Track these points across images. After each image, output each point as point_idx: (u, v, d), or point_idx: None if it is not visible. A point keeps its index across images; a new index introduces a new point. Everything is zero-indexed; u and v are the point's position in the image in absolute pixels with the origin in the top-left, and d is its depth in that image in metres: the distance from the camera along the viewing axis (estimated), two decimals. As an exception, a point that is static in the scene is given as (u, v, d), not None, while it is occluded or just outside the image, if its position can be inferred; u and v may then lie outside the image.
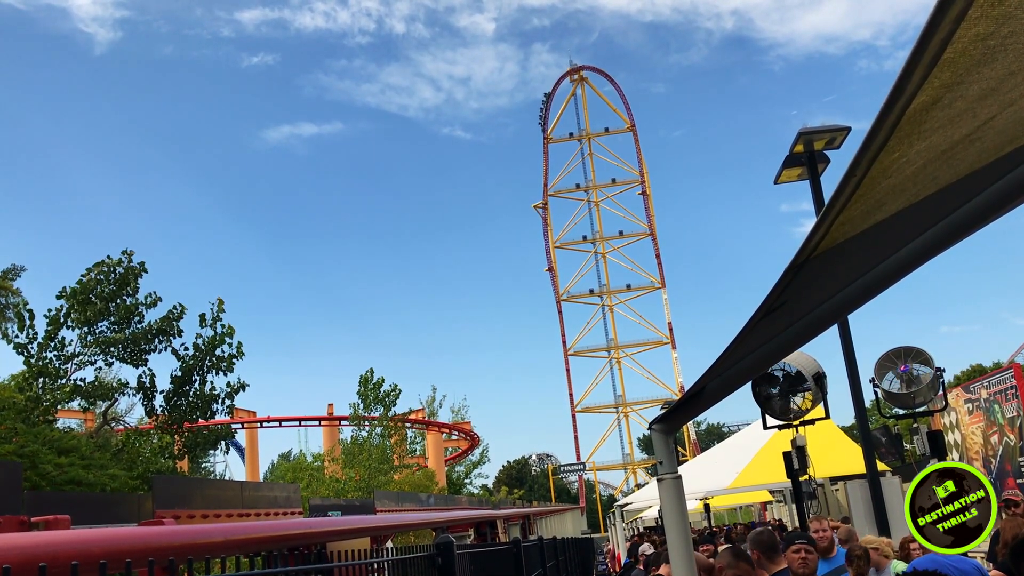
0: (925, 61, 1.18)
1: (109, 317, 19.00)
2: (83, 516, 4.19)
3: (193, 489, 5.84)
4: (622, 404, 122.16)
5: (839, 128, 12.88)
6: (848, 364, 12.72)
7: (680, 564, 3.97)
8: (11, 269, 31.03)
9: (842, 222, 1.89)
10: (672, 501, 4.00)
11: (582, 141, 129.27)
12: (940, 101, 1.36)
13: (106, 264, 19.18)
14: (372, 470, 35.81)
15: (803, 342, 2.91)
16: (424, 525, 13.74)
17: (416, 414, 64.99)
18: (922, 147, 1.58)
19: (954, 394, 24.15)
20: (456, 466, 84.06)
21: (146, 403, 20.06)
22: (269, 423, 72.49)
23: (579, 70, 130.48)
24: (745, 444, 21.32)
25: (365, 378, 39.33)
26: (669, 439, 4.06)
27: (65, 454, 15.94)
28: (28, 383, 18.45)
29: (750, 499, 32.71)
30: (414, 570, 4.93)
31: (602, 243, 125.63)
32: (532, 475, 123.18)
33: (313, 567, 3.78)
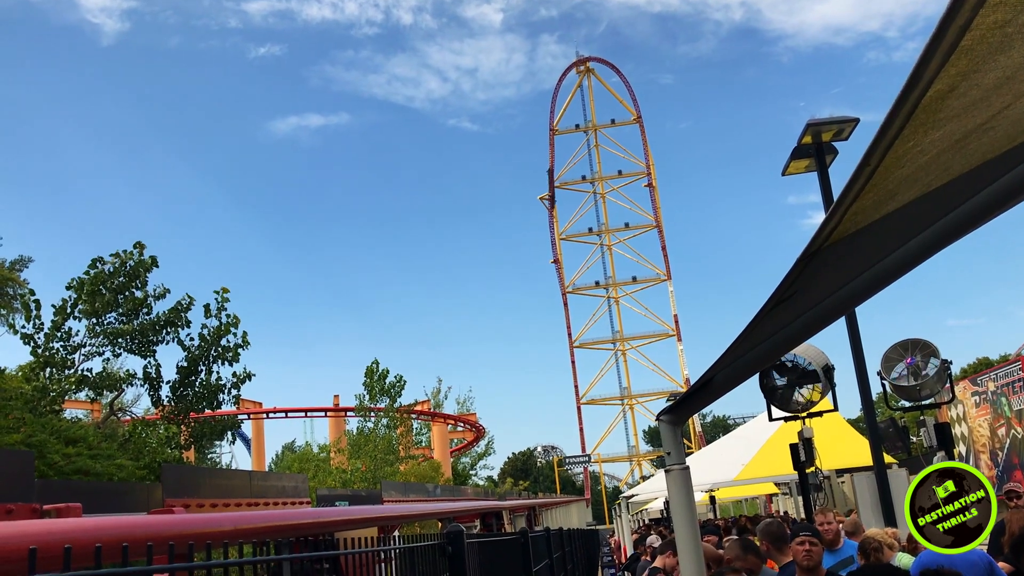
0: (943, 48, 1.18)
1: (118, 309, 19.07)
2: (93, 505, 4.21)
3: (202, 478, 5.87)
4: (627, 396, 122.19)
5: (847, 119, 12.83)
6: (855, 357, 12.71)
7: (688, 555, 3.98)
8: (18, 260, 31.12)
9: (855, 212, 1.89)
10: (680, 492, 4.01)
11: (588, 133, 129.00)
12: (956, 89, 1.36)
13: (118, 256, 19.26)
14: (378, 461, 35.93)
15: (813, 332, 2.91)
16: (431, 515, 13.79)
17: (422, 405, 65.17)
18: (936, 136, 1.57)
19: (961, 387, 24.13)
20: (461, 457, 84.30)
21: (152, 393, 20.14)
22: (275, 414, 72.75)
23: (585, 61, 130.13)
24: (751, 436, 21.32)
25: (371, 369, 39.43)
26: (677, 430, 4.06)
27: (72, 444, 16.01)
28: (35, 373, 18.53)
29: (756, 491, 32.73)
30: (423, 559, 4.95)
31: (608, 235, 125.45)
32: (537, 467, 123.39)
33: (325, 554, 3.80)
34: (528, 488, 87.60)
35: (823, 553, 6.63)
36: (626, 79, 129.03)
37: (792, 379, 10.87)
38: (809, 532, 6.45)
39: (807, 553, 6.22)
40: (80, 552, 2.05)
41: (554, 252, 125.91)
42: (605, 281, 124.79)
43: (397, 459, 39.21)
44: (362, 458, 36.53)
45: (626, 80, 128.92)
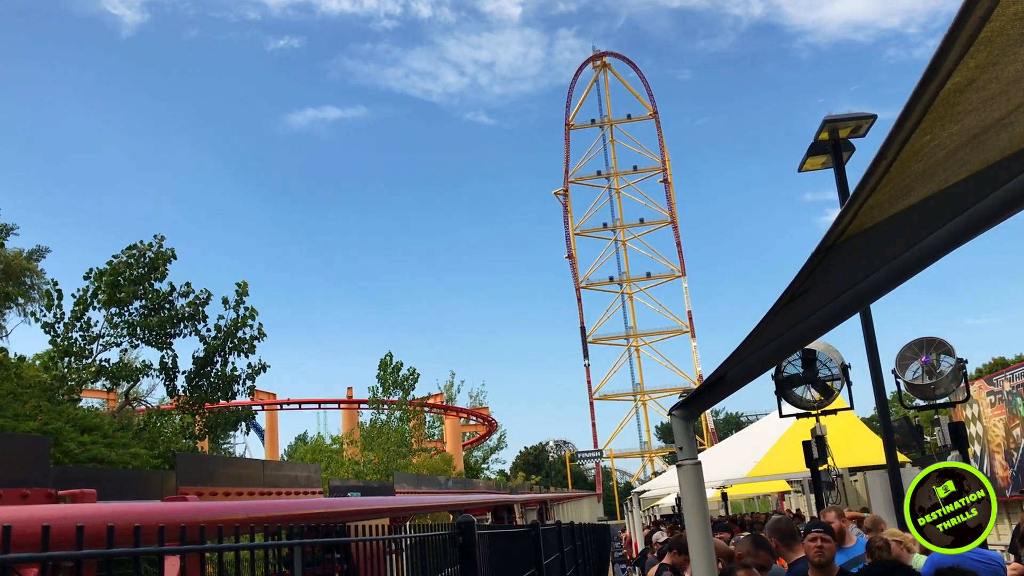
0: (962, 39, 1.16)
1: (137, 300, 19.21)
2: (108, 492, 4.24)
3: (215, 467, 5.91)
4: (640, 392, 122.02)
5: (865, 116, 12.74)
6: (870, 354, 12.63)
7: (699, 550, 3.97)
8: (36, 250, 31.31)
9: (871, 206, 1.87)
10: (691, 487, 3.99)
11: (604, 128, 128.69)
12: (975, 82, 1.34)
13: (137, 248, 19.39)
14: (390, 453, 36.05)
15: (827, 329, 2.89)
16: (443, 507, 13.82)
17: (435, 399, 65.31)
18: (954, 130, 1.56)
19: (976, 386, 23.98)
20: (474, 451, 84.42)
21: (168, 383, 20.28)
22: (289, 405, 73.08)
23: (601, 56, 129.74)
24: (764, 433, 21.26)
25: (384, 362, 39.53)
26: (689, 425, 4.05)
27: (88, 432, 16.13)
28: (53, 362, 18.70)
29: (768, 488, 32.65)
30: (435, 549, 4.96)
31: (622, 230, 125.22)
32: (549, 461, 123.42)
33: (334, 540, 3.82)
34: (540, 483, 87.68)
35: (835, 550, 6.63)
36: (642, 74, 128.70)
37: (807, 376, 10.82)
38: (822, 528, 6.47)
39: (819, 549, 6.23)
40: (93, 536, 2.07)
41: (568, 247, 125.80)
42: (619, 277, 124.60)
43: (409, 452, 39.32)
44: (375, 450, 36.66)
45: (642, 75, 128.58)
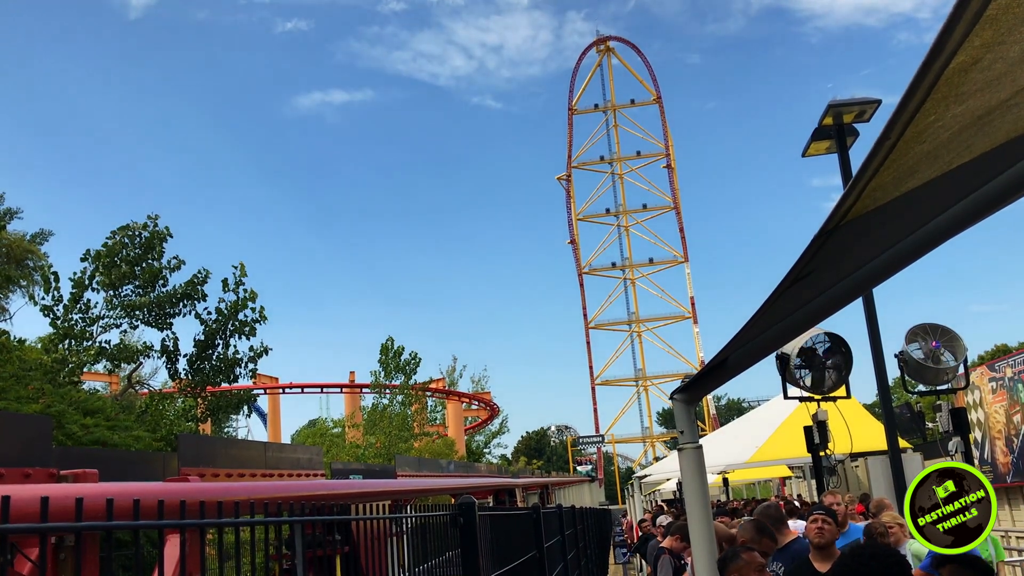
0: (968, 16, 1.15)
1: (134, 280, 19.21)
2: (110, 472, 4.25)
3: (217, 449, 5.92)
4: (642, 378, 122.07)
5: (869, 101, 12.67)
6: (872, 339, 12.62)
7: (700, 533, 3.99)
8: (39, 233, 31.34)
9: (873, 188, 1.86)
10: (692, 471, 4.00)
11: (607, 113, 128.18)
12: (980, 62, 1.33)
13: (131, 228, 19.37)
14: (392, 437, 36.16)
15: (829, 313, 2.88)
16: (444, 490, 13.87)
17: (437, 383, 65.39)
18: (958, 111, 1.54)
19: (978, 373, 23.98)
20: (475, 435, 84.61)
21: (170, 366, 20.32)
22: (291, 389, 73.22)
23: (605, 40, 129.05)
24: (765, 418, 21.28)
25: (386, 347, 39.60)
26: (691, 409, 4.05)
27: (91, 415, 16.19)
28: (54, 345, 18.72)
29: (769, 474, 32.71)
30: (436, 530, 4.98)
31: (625, 216, 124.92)
32: (551, 446, 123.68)
33: (338, 518, 3.83)
34: (541, 467, 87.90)
35: (837, 533, 6.70)
36: (646, 58, 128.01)
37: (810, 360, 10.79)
38: (823, 510, 6.54)
39: (819, 531, 6.32)
40: (93, 512, 2.08)
41: (571, 232, 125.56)
42: (622, 262, 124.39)
43: (411, 436, 39.43)
44: (377, 434, 36.77)
45: (646, 60, 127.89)
